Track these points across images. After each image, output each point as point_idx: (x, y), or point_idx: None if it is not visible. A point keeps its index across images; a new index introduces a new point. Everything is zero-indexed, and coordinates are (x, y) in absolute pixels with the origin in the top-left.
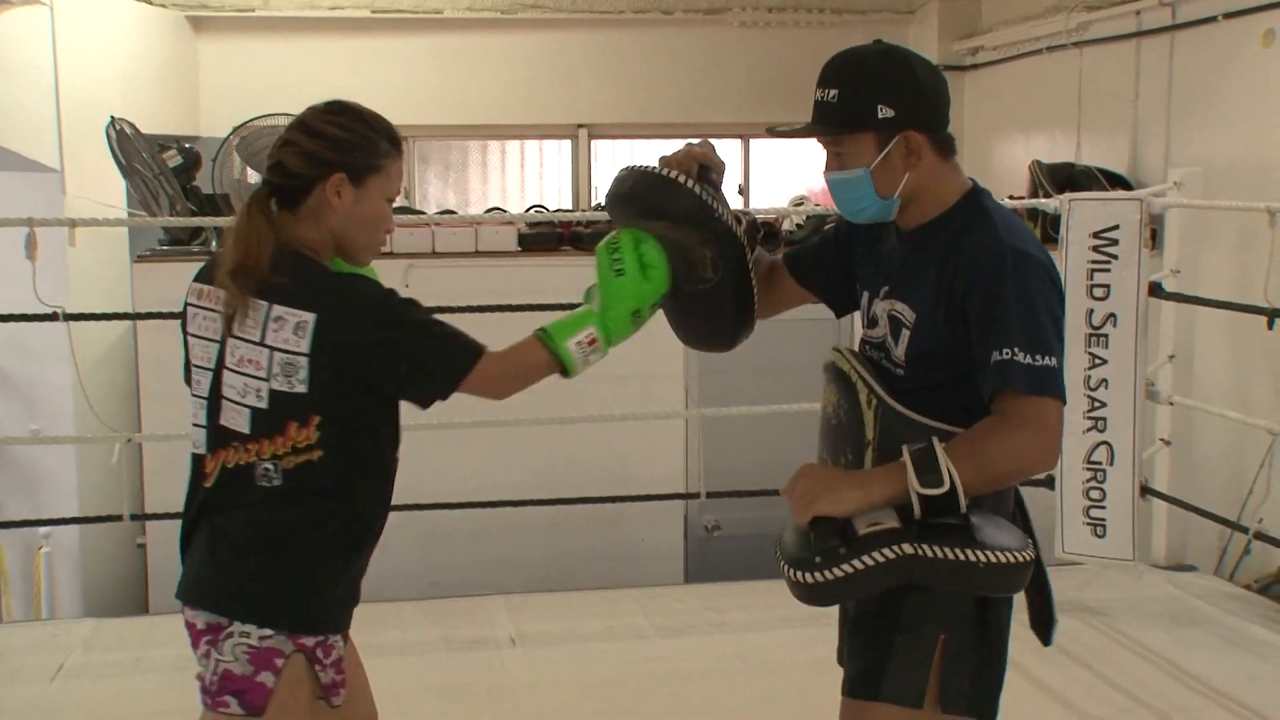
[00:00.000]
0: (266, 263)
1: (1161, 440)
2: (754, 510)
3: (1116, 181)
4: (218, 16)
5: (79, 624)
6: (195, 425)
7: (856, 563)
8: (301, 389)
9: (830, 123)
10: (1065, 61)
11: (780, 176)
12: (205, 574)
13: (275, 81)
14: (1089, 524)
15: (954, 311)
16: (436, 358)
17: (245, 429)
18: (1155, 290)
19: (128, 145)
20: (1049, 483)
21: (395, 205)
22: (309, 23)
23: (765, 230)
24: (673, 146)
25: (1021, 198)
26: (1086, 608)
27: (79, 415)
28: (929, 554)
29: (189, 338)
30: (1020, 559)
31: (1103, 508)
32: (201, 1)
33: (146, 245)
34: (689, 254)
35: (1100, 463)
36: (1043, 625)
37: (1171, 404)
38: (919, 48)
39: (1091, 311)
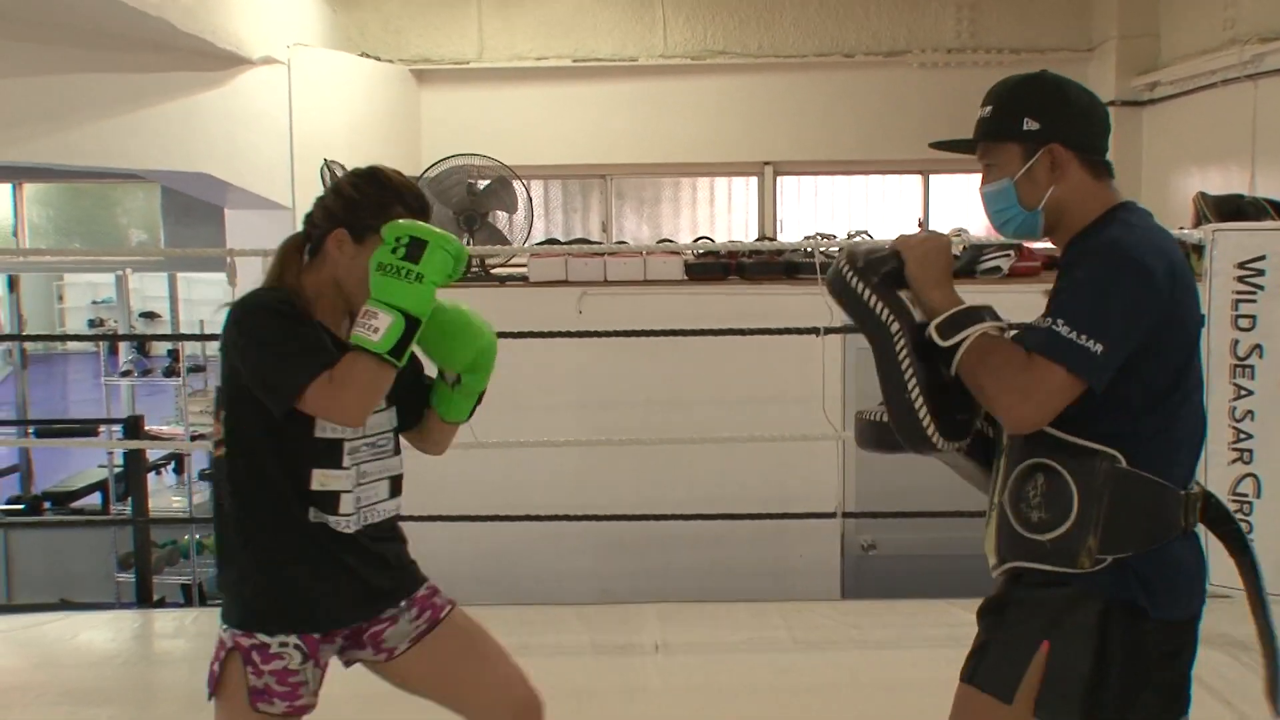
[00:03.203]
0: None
1: None
2: (911, 531)
3: None
4: (438, 69)
5: None
6: None
7: (860, 285)
8: (218, 382)
9: (981, 135)
10: (1240, 94)
11: (961, 212)
12: None
13: (488, 125)
14: None
15: None
16: (279, 373)
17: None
18: None
19: None
20: None
21: (576, 238)
22: (517, 72)
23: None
24: (855, 182)
25: (1183, 228)
26: (1237, 643)
27: None
28: (894, 335)
29: None
30: (926, 427)
31: (1250, 540)
32: (423, 55)
33: None
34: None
35: (1246, 494)
36: (1270, 690)
37: None
38: (1097, 85)
39: (1236, 342)
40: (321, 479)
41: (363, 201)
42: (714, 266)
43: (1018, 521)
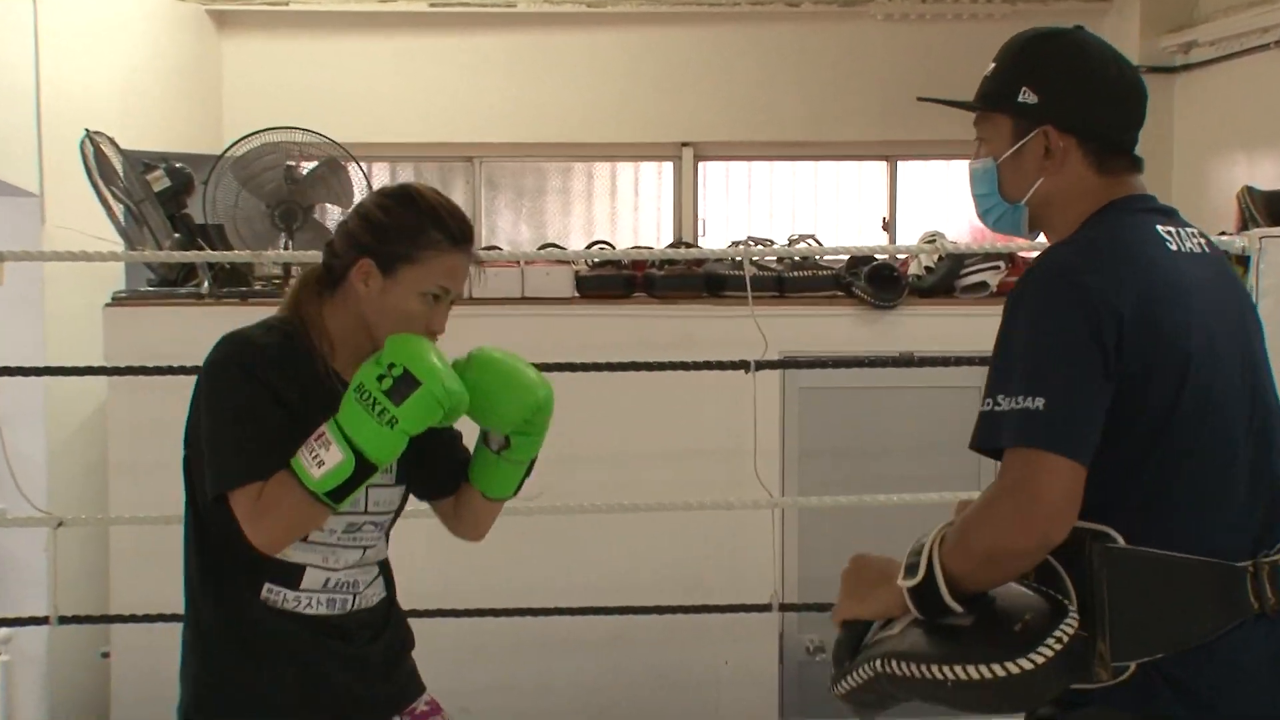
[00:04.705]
0: None
1: None
2: None
3: None
4: (246, 10)
5: None
6: None
7: (848, 680)
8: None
9: (976, 97)
10: None
11: (935, 210)
12: None
13: (314, 88)
14: None
15: None
16: (218, 458)
17: None
18: None
19: (106, 165)
20: None
21: None
22: (355, 18)
23: (887, 275)
24: (798, 169)
25: (1226, 234)
26: None
27: (53, 493)
28: (896, 671)
29: None
30: (996, 674)
31: None
32: None
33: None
34: None
35: None
36: None
37: None
38: (1116, 45)
39: None
40: (284, 549)
41: (392, 226)
42: (614, 280)
43: None
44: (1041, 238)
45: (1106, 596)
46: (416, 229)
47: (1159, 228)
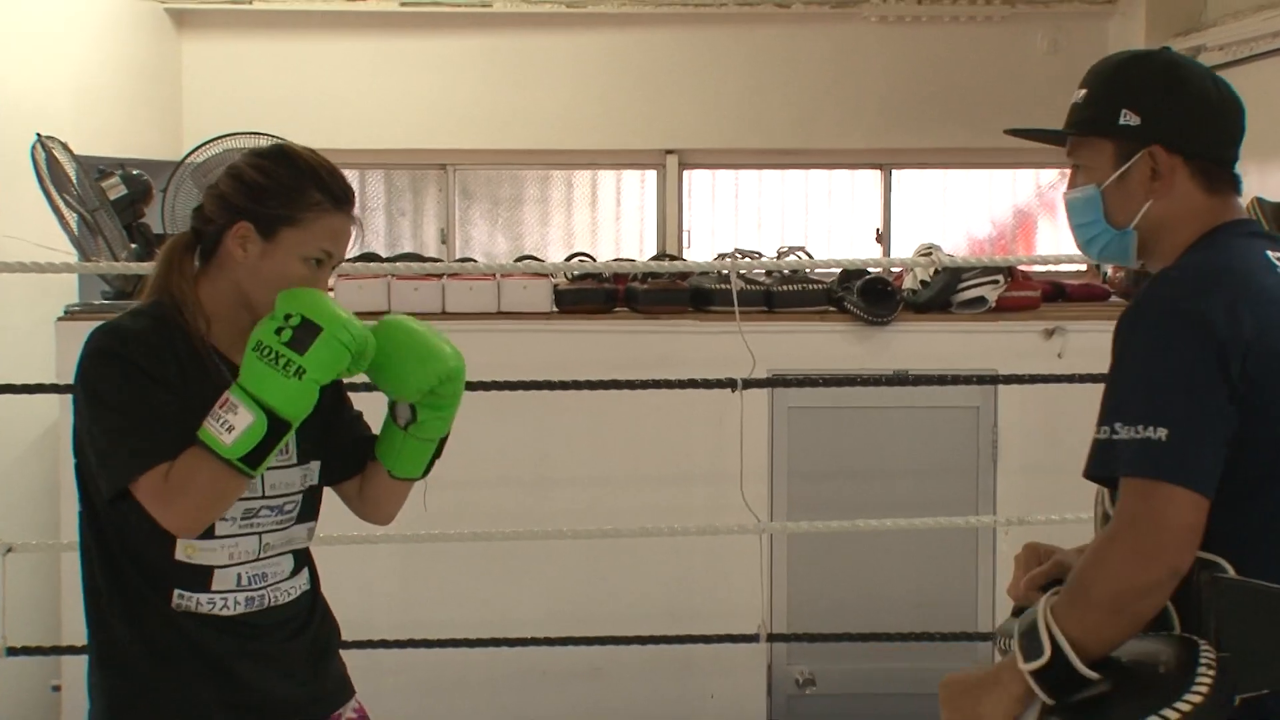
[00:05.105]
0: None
1: None
2: (864, 659)
3: None
4: (207, 9)
5: None
6: None
7: None
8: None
9: (1070, 125)
10: None
11: (930, 221)
12: None
13: (278, 91)
14: None
15: None
16: (110, 451)
17: None
18: None
19: (58, 171)
20: None
21: (402, 253)
22: (322, 18)
23: (880, 289)
24: (788, 178)
25: None
26: None
27: (1, 517)
28: None
29: None
30: (1173, 718)
31: None
32: None
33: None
34: None
35: None
36: None
37: None
38: (1120, 48)
39: None
40: (188, 549)
41: (270, 186)
42: (594, 294)
43: None
44: (1045, 251)
45: (1215, 627)
46: (296, 189)
47: (1269, 253)
